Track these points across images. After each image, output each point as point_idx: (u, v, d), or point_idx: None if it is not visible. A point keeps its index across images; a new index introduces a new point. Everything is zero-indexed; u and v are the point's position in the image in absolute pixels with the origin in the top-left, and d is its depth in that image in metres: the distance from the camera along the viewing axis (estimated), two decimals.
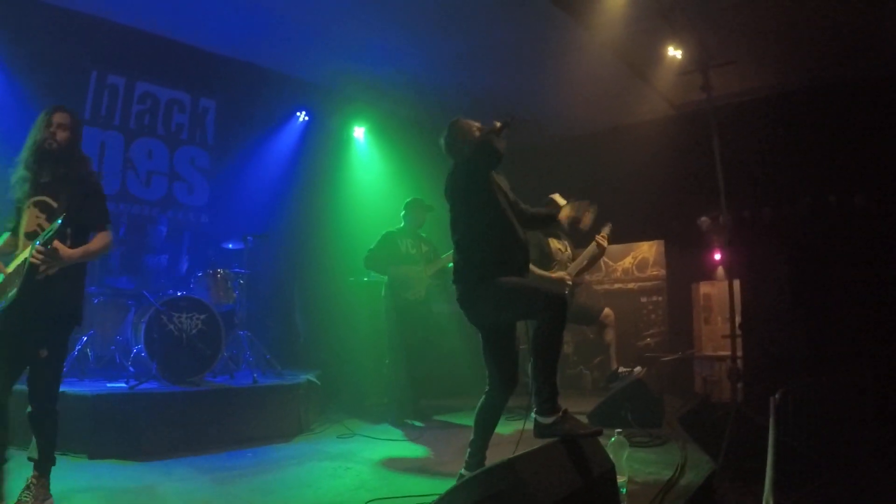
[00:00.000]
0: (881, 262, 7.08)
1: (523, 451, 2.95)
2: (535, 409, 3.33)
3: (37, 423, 3.40)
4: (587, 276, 9.69)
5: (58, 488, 3.65)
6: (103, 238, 3.58)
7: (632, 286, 9.64)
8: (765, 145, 8.19)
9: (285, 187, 7.99)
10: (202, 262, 6.66)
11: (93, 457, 4.51)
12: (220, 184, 7.65)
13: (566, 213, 4.07)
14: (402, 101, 8.91)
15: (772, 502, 3.20)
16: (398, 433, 5.85)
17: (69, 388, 4.73)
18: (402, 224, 6.62)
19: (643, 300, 9.49)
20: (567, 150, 9.81)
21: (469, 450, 3.73)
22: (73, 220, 3.37)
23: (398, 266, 6.40)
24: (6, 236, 3.54)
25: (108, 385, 5.17)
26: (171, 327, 5.57)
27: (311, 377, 6.23)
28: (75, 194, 3.46)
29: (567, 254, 6.23)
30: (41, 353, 3.35)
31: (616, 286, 9.77)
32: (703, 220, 8.60)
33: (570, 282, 6.01)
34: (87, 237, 3.53)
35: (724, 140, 6.64)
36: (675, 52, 6.88)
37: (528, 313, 3.54)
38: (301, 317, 8.17)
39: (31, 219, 3.41)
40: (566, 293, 6.14)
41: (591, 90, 8.31)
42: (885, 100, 7.46)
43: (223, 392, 5.55)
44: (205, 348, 5.69)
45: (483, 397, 3.78)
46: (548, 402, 3.27)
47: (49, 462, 3.44)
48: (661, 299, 9.36)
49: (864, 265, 7.15)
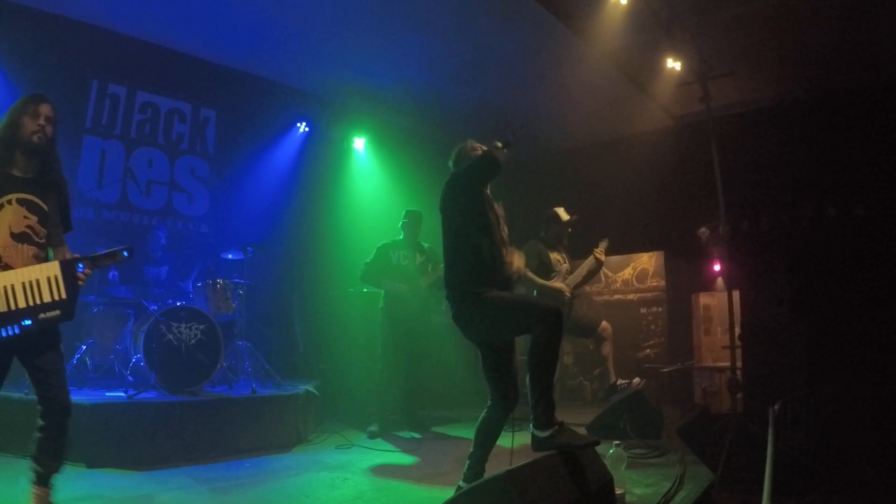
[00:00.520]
0: (880, 273, 7.09)
1: (521, 463, 2.95)
2: (531, 423, 3.32)
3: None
4: (586, 288, 9.72)
5: (56, 498, 3.64)
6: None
7: (631, 297, 9.65)
8: (764, 156, 8.22)
9: (285, 198, 8.00)
10: (202, 272, 6.67)
11: (91, 466, 4.49)
12: (220, 194, 7.68)
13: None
14: (402, 112, 8.94)
15: None
16: (397, 444, 5.84)
17: None
18: (401, 235, 6.58)
19: (643, 311, 9.49)
20: (567, 161, 9.85)
21: (468, 462, 3.72)
22: (58, 226, 3.25)
23: (391, 280, 6.36)
24: None
25: (107, 394, 5.17)
26: (171, 337, 5.56)
27: (310, 388, 6.22)
28: (60, 198, 3.31)
29: (565, 266, 6.25)
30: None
31: (616, 297, 9.78)
32: (703, 231, 8.60)
33: (568, 294, 6.02)
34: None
35: (724, 151, 6.65)
36: (674, 64, 6.91)
37: (524, 328, 3.50)
38: (300, 327, 8.17)
39: (19, 219, 3.13)
40: (563, 305, 6.18)
41: (591, 101, 8.35)
42: (884, 110, 7.50)
43: (222, 402, 5.54)
44: (204, 358, 5.68)
45: (485, 411, 3.76)
46: (544, 416, 3.26)
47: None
48: (660, 310, 9.36)
49: (863, 276, 7.16)
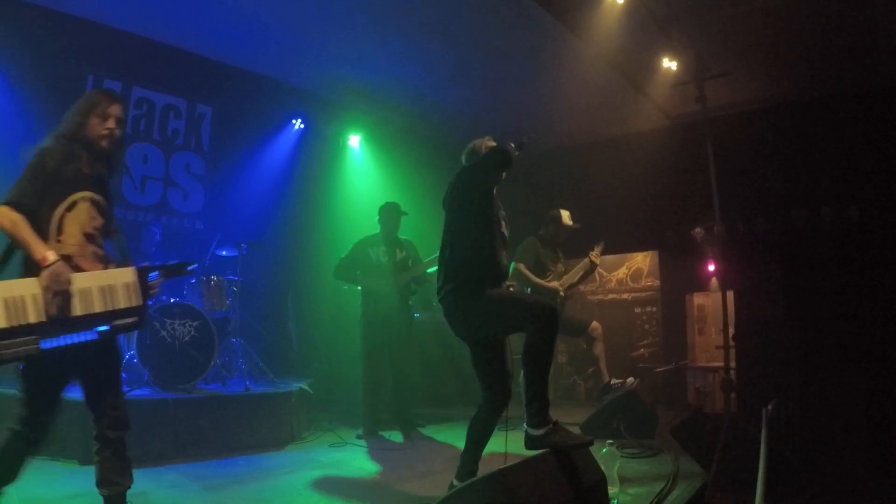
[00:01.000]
0: (874, 274, 7.10)
1: (514, 461, 2.95)
2: (525, 421, 3.32)
3: None
4: (581, 287, 9.73)
5: (48, 494, 3.64)
6: None
7: (626, 297, 9.65)
8: (759, 157, 8.24)
9: (280, 195, 7.99)
10: (196, 269, 6.64)
11: (83, 462, 4.47)
12: (215, 190, 7.65)
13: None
14: (397, 109, 8.92)
15: None
16: (390, 443, 5.84)
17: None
18: (377, 230, 6.43)
19: (637, 311, 9.49)
20: (562, 161, 9.84)
21: (461, 460, 3.72)
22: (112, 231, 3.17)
23: (368, 277, 6.23)
24: (17, 214, 2.75)
25: None
26: (164, 334, 5.55)
27: (304, 385, 6.22)
28: (111, 201, 3.20)
29: (560, 266, 6.29)
30: None
31: (610, 297, 9.78)
32: (698, 231, 8.61)
33: (562, 293, 6.06)
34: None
35: (719, 151, 6.67)
36: (670, 64, 6.92)
37: (518, 325, 3.50)
38: (294, 325, 8.16)
39: (88, 219, 2.97)
40: (556, 304, 6.22)
41: (587, 101, 8.35)
42: (880, 112, 7.51)
43: (215, 399, 5.53)
44: (197, 355, 5.66)
45: (477, 410, 3.77)
46: (538, 414, 3.26)
47: None
48: (654, 310, 9.37)
49: (857, 277, 7.17)
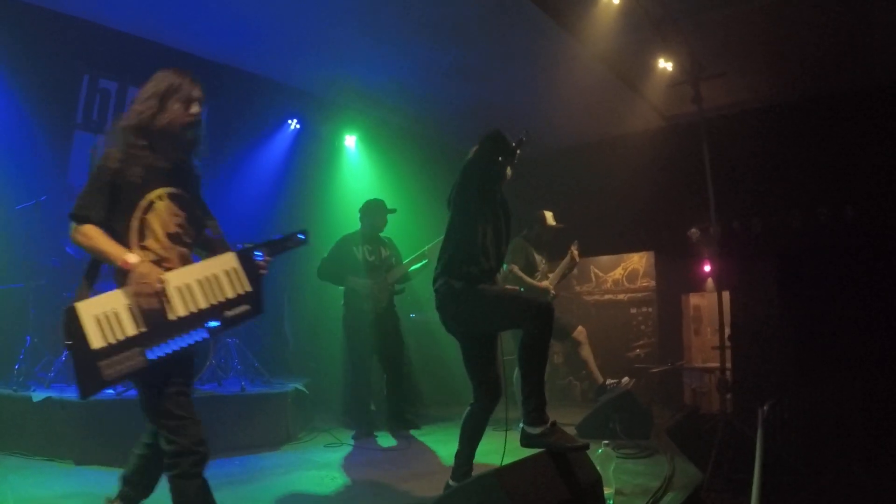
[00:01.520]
0: (870, 274, 7.12)
1: (510, 462, 2.95)
2: (522, 419, 3.32)
3: None
4: (577, 289, 9.75)
5: (43, 494, 3.63)
6: None
7: (622, 297, 9.65)
8: (755, 157, 8.25)
9: (276, 195, 7.96)
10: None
11: (79, 463, 4.46)
12: (210, 190, 7.57)
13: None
14: (393, 109, 8.92)
15: None
16: (385, 443, 5.83)
17: (56, 394, 4.71)
18: (358, 227, 6.37)
19: (633, 311, 9.49)
20: (558, 161, 9.85)
21: (456, 460, 3.72)
22: (202, 223, 3.06)
23: (356, 277, 6.12)
24: (89, 226, 2.61)
25: None
26: None
27: (300, 386, 6.20)
28: (197, 191, 3.07)
29: (545, 265, 6.36)
30: None
31: (606, 297, 9.78)
32: (694, 232, 8.64)
33: (552, 292, 6.12)
34: None
35: (715, 152, 6.66)
36: (665, 64, 6.92)
37: (514, 323, 3.51)
38: (290, 325, 8.13)
39: (170, 216, 2.85)
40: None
41: (582, 101, 8.36)
42: (875, 112, 7.54)
43: (211, 400, 5.51)
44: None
45: (468, 408, 3.77)
46: (535, 412, 3.26)
47: None
48: (650, 310, 9.37)
49: (853, 277, 7.19)
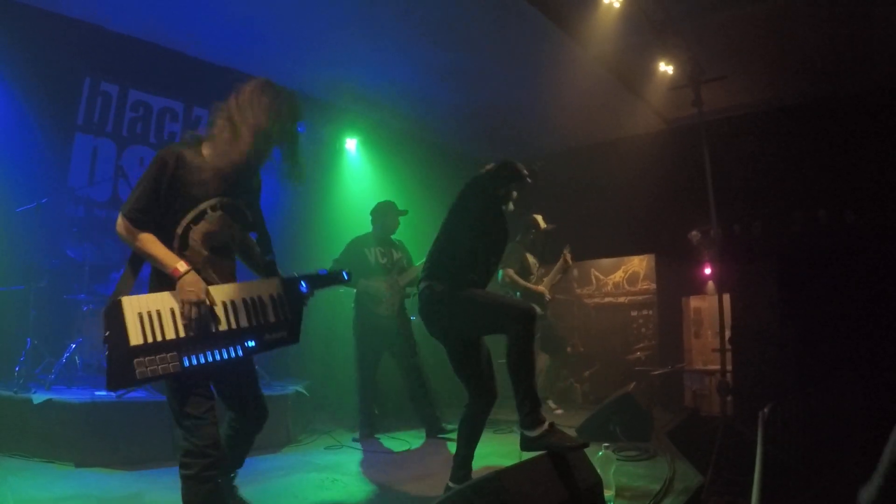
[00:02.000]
0: (870, 278, 7.12)
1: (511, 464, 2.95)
2: (519, 423, 3.34)
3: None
4: (577, 291, 9.76)
5: (44, 496, 3.63)
6: None
7: (622, 300, 9.66)
8: (755, 160, 8.26)
9: (276, 197, 7.94)
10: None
11: (80, 465, 4.46)
12: None
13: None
14: (394, 112, 8.93)
15: None
16: (386, 446, 5.83)
17: (56, 396, 4.72)
18: (370, 229, 6.28)
19: (633, 314, 9.50)
20: (558, 164, 9.77)
21: (455, 462, 3.73)
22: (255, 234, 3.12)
23: (368, 279, 6.05)
24: (147, 235, 2.74)
25: (96, 393, 5.12)
26: None
27: (300, 388, 6.20)
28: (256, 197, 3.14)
29: (539, 269, 6.46)
30: None
31: (606, 300, 9.79)
32: (694, 235, 8.63)
33: (548, 296, 6.22)
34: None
35: (715, 155, 6.68)
36: (666, 68, 6.94)
37: (496, 328, 3.56)
38: None
39: (219, 228, 2.89)
40: (544, 307, 6.60)
41: (583, 104, 8.37)
42: (876, 115, 7.54)
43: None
44: None
45: (464, 410, 3.79)
46: (531, 415, 3.29)
47: None
48: (651, 313, 9.38)
49: (853, 280, 7.18)
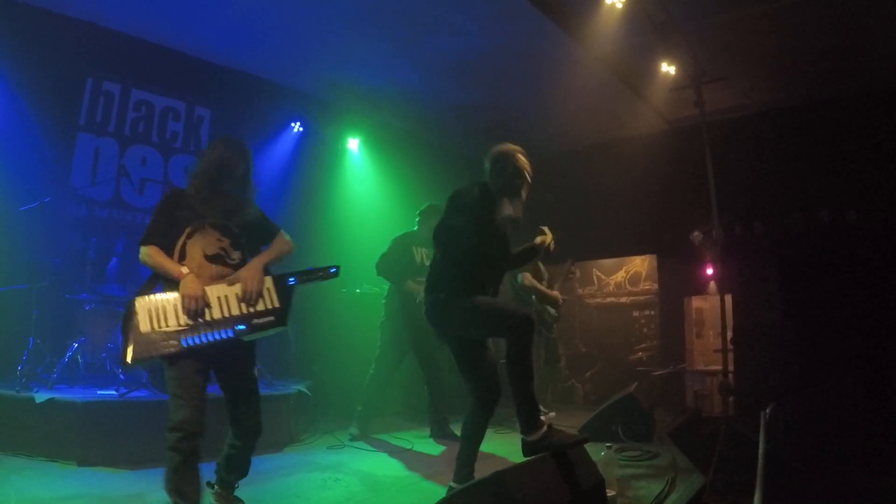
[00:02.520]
0: (872, 278, 7.12)
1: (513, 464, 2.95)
2: (520, 429, 3.36)
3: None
4: (579, 291, 9.77)
5: (46, 496, 3.64)
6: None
7: (624, 300, 9.66)
8: (757, 161, 8.26)
9: (279, 198, 7.95)
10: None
11: (82, 464, 4.46)
12: None
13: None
14: (396, 112, 8.93)
15: None
16: (388, 445, 5.83)
17: (59, 395, 4.72)
18: (415, 228, 6.11)
19: (635, 314, 9.51)
20: (560, 165, 9.83)
21: (458, 462, 3.73)
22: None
23: (415, 281, 5.77)
24: (150, 247, 3.33)
25: (99, 392, 5.13)
26: None
27: (302, 388, 6.20)
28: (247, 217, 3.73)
29: (547, 274, 6.70)
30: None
31: (608, 300, 9.79)
32: (696, 235, 8.63)
33: (561, 300, 6.48)
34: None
35: (717, 155, 6.67)
36: (668, 68, 6.93)
37: (496, 333, 3.60)
38: (293, 327, 8.12)
39: (210, 242, 3.49)
40: (557, 312, 6.95)
41: (585, 104, 8.36)
42: (877, 116, 7.54)
43: (213, 401, 5.41)
44: None
45: (469, 409, 3.79)
46: (530, 419, 3.31)
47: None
48: (653, 313, 9.38)
49: (854, 280, 7.18)
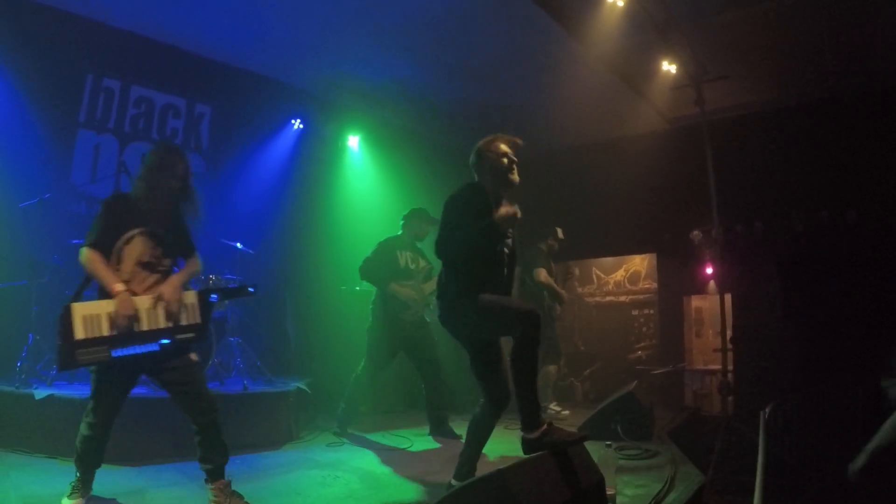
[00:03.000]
0: (872, 278, 7.11)
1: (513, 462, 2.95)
2: (521, 426, 3.36)
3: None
4: (579, 290, 9.76)
5: (46, 492, 3.64)
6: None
7: (623, 299, 9.67)
8: (757, 160, 8.25)
9: (279, 195, 7.97)
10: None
11: None
12: (213, 190, 7.59)
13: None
14: (396, 110, 8.93)
15: None
16: (388, 443, 5.83)
17: (58, 392, 4.72)
18: (399, 233, 6.15)
19: (635, 313, 9.52)
20: (561, 163, 9.85)
21: (460, 460, 3.73)
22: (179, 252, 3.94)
23: (399, 284, 5.86)
24: (90, 250, 3.49)
25: None
26: None
27: (302, 385, 6.20)
28: (180, 228, 3.99)
29: (556, 274, 6.97)
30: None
31: (608, 299, 9.80)
32: (696, 234, 8.63)
33: (566, 299, 6.77)
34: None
35: (717, 154, 6.67)
36: (669, 67, 6.92)
37: (505, 330, 3.58)
38: (292, 324, 8.13)
39: (145, 249, 3.66)
40: (562, 306, 7.19)
41: (586, 103, 8.36)
42: (878, 115, 7.54)
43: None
44: None
45: (477, 409, 3.80)
46: (531, 417, 3.31)
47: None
48: (652, 312, 9.38)
49: (854, 280, 7.18)
